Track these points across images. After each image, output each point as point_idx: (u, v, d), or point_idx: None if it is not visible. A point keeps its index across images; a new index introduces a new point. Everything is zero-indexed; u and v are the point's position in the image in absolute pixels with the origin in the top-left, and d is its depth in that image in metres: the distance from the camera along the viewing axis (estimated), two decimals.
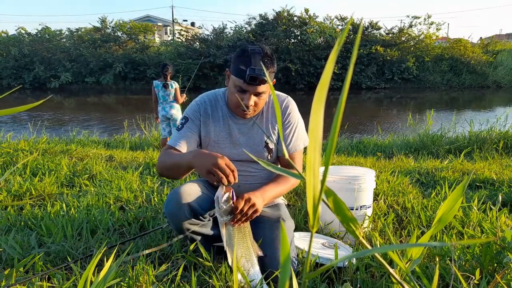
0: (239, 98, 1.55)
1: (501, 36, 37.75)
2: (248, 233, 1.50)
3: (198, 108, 1.69)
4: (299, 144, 1.74)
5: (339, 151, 4.98)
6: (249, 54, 1.51)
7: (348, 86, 0.39)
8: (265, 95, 1.59)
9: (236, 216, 1.42)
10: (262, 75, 1.48)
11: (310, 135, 0.40)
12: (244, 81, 1.50)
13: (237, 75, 1.52)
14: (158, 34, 30.97)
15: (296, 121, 1.73)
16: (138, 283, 1.44)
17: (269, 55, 1.54)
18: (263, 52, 1.52)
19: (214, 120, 1.69)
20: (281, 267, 0.41)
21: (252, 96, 1.55)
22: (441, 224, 0.72)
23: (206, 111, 1.69)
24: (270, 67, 1.54)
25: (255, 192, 1.51)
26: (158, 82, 5.28)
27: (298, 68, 20.00)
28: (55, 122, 10.64)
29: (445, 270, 1.46)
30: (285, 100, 1.73)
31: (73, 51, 22.16)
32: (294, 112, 1.72)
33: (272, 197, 1.60)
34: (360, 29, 0.52)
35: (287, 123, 1.71)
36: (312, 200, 0.42)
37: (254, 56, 1.50)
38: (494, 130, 4.93)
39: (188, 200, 1.52)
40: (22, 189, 2.66)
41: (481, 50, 22.50)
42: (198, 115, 1.68)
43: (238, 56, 1.53)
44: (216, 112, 1.69)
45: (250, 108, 1.57)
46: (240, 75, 1.51)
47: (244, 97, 1.55)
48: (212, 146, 1.69)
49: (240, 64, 1.50)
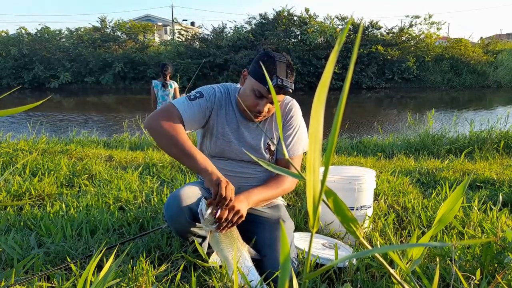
0: (254, 102, 1.53)
1: (501, 36, 37.73)
2: (236, 237, 1.49)
3: (215, 92, 1.64)
4: (298, 148, 1.71)
5: (339, 151, 4.97)
6: (275, 61, 1.48)
7: (349, 86, 0.38)
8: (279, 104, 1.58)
9: (221, 224, 1.41)
10: (288, 88, 1.47)
11: (310, 135, 0.40)
12: (267, 88, 1.48)
13: (257, 78, 1.50)
14: (158, 34, 30.95)
15: (298, 125, 1.71)
16: (137, 283, 1.44)
17: (292, 66, 1.54)
18: (287, 62, 1.51)
19: (225, 113, 1.65)
20: (281, 268, 0.41)
21: (267, 104, 1.54)
22: (442, 224, 0.71)
23: (220, 101, 1.65)
24: (292, 78, 1.53)
25: (239, 196, 1.48)
26: (157, 81, 5.27)
27: (298, 68, 19.99)
28: (54, 122, 10.64)
29: (445, 270, 1.46)
30: (290, 102, 1.72)
31: (73, 51, 22.15)
32: (297, 115, 1.71)
33: (259, 200, 1.57)
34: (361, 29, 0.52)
35: (288, 126, 1.69)
36: (312, 200, 0.41)
37: (280, 65, 1.48)
38: (495, 130, 4.93)
39: (188, 203, 1.51)
40: (22, 189, 2.66)
41: (482, 50, 22.49)
42: (214, 98, 1.63)
43: (263, 61, 1.49)
44: (227, 106, 1.66)
45: (262, 114, 1.57)
46: (263, 81, 1.48)
47: (260, 103, 1.53)
48: (217, 137, 1.65)
49: (266, 69, 1.47)
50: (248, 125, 1.67)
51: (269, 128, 1.70)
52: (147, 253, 1.77)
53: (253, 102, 1.53)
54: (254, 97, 1.53)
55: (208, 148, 1.68)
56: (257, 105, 1.53)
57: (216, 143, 1.66)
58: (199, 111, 1.58)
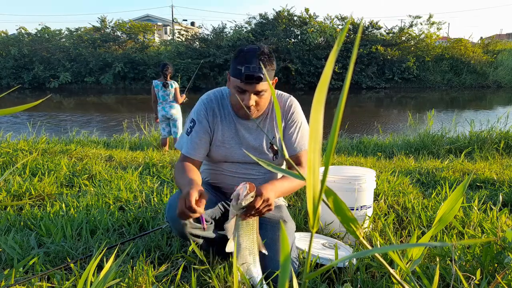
0: (240, 98, 1.52)
1: (501, 36, 37.73)
2: (256, 227, 1.47)
3: (205, 107, 1.66)
4: (305, 143, 1.69)
5: (339, 151, 4.98)
6: (245, 53, 1.49)
7: (348, 86, 0.38)
8: (267, 94, 1.56)
9: (249, 211, 1.38)
10: (257, 73, 1.45)
11: (310, 135, 0.40)
12: (241, 80, 1.48)
13: (234, 76, 1.51)
14: (158, 34, 30.95)
15: (301, 120, 1.70)
16: (137, 284, 1.44)
17: (266, 53, 1.51)
18: (259, 50, 1.50)
19: (221, 119, 1.66)
20: (281, 268, 0.41)
21: (252, 96, 1.52)
22: (442, 224, 0.72)
23: (213, 110, 1.66)
24: (268, 65, 1.50)
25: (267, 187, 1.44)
26: (157, 81, 5.27)
27: (298, 68, 20.00)
28: (54, 122, 10.64)
29: (445, 270, 1.46)
30: (289, 99, 1.71)
31: (73, 51, 22.15)
32: (297, 111, 1.70)
33: (282, 193, 1.56)
34: (360, 29, 0.52)
35: (291, 122, 1.68)
36: (312, 200, 0.41)
37: (249, 55, 1.48)
38: (495, 130, 4.93)
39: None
40: (22, 189, 2.66)
41: (482, 50, 22.47)
42: (205, 114, 1.65)
43: (235, 57, 1.51)
44: (223, 111, 1.67)
45: (252, 108, 1.54)
46: (237, 75, 1.49)
47: (244, 97, 1.52)
48: (218, 146, 1.67)
49: (237, 64, 1.48)
50: (248, 126, 1.67)
51: (270, 127, 1.69)
52: (147, 253, 1.77)
53: (239, 98, 1.53)
54: (238, 94, 1.53)
55: (212, 155, 1.70)
56: (243, 100, 1.53)
57: (217, 151, 1.67)
58: (201, 137, 1.64)
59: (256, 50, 1.49)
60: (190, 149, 1.62)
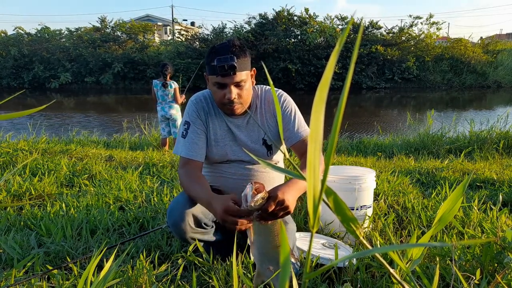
0: (221, 95, 1.51)
1: (501, 36, 37.75)
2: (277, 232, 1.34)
3: (195, 108, 1.66)
4: (306, 128, 1.66)
5: (339, 151, 4.98)
6: (216, 49, 1.49)
7: (349, 86, 0.38)
8: (247, 85, 1.54)
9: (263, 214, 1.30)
10: (229, 61, 1.44)
11: (310, 135, 0.40)
12: (217, 75, 1.47)
13: (211, 73, 1.50)
14: (158, 34, 30.95)
15: (294, 107, 1.67)
16: (137, 284, 1.44)
17: (237, 44, 1.51)
18: (230, 43, 1.50)
19: (212, 118, 1.66)
20: (281, 267, 0.41)
21: (232, 89, 1.50)
22: (442, 224, 0.72)
23: (204, 109, 1.66)
24: (241, 55, 1.49)
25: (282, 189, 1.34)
26: (157, 81, 5.27)
27: (298, 68, 19.99)
28: (54, 122, 10.63)
29: (445, 270, 1.46)
30: (278, 91, 1.69)
31: (73, 51, 22.15)
32: (288, 99, 1.68)
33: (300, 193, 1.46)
34: (361, 29, 0.52)
35: (286, 110, 1.65)
36: (312, 200, 0.41)
37: (221, 49, 1.48)
38: (495, 130, 4.93)
39: (191, 209, 1.50)
40: (22, 189, 2.66)
41: (482, 50, 22.48)
42: (198, 114, 1.65)
43: (208, 55, 1.51)
44: (213, 110, 1.66)
45: (235, 101, 1.52)
46: (212, 71, 1.49)
47: (226, 92, 1.51)
48: (212, 145, 1.66)
49: (210, 61, 1.48)
50: (237, 124, 1.66)
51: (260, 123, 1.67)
52: (147, 253, 1.77)
53: (220, 95, 1.52)
54: (218, 90, 1.52)
55: (209, 156, 1.69)
56: (225, 95, 1.51)
57: (213, 151, 1.66)
58: (198, 137, 1.62)
59: (226, 44, 1.50)
60: (190, 150, 1.60)
